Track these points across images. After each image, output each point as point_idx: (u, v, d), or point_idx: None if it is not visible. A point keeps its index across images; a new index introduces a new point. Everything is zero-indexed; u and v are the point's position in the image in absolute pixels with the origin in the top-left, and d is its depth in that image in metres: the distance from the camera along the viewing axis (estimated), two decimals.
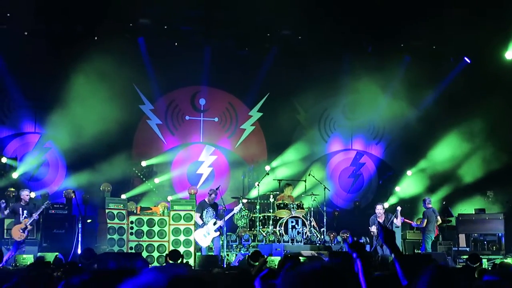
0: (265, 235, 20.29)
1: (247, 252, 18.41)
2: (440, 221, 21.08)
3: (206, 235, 18.82)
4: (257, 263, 14.00)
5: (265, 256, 13.39)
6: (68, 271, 8.49)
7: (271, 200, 21.31)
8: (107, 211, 19.39)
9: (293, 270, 2.69)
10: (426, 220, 20.46)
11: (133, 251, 18.89)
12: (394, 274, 5.91)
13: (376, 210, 19.60)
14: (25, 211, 17.83)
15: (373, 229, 19.26)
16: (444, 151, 24.75)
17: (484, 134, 24.38)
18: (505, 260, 18.12)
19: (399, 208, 19.74)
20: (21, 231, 17.57)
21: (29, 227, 17.73)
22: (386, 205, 22.39)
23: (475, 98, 23.79)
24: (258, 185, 21.36)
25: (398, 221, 19.48)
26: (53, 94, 21.98)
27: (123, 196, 21.07)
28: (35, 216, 17.80)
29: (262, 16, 22.24)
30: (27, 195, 18.04)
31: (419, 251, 20.85)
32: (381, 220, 19.34)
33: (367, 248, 19.54)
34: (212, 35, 23.96)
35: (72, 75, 21.53)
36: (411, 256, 17.58)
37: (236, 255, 19.22)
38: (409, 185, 24.99)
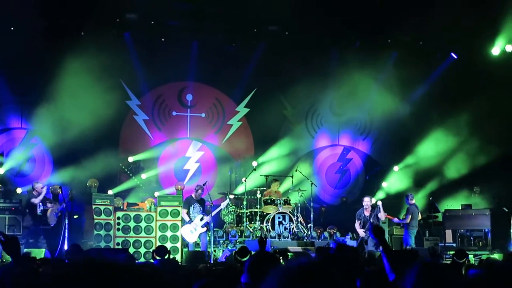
0: (252, 231, 20.28)
1: (234, 248, 18.44)
2: (420, 217, 21.10)
3: (193, 231, 18.79)
4: (244, 259, 13.98)
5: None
6: (54, 267, 8.44)
7: (258, 195, 21.35)
8: (93, 207, 19.38)
9: (280, 266, 2.65)
10: (410, 216, 20.39)
11: (120, 247, 18.87)
12: (382, 269, 5.91)
13: (364, 203, 19.55)
14: (40, 202, 18.46)
15: (361, 233, 19.21)
16: (431, 147, 24.78)
17: (470, 129, 24.42)
18: (492, 256, 18.17)
19: (379, 202, 19.70)
20: (55, 215, 18.14)
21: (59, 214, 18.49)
22: (374, 200, 22.38)
23: (462, 93, 23.91)
24: (245, 180, 21.39)
25: (382, 215, 19.41)
26: (40, 90, 21.89)
27: (110, 192, 20.98)
28: (63, 205, 18.16)
29: (250, 12, 22.20)
30: (42, 187, 18.72)
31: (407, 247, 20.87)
32: (367, 213, 19.34)
33: (353, 243, 19.53)
34: (200, 30, 23.88)
35: (59, 70, 21.41)
36: (398, 252, 17.58)
37: (223, 251, 19.23)
38: (396, 180, 25.02)
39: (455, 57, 25.16)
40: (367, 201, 19.54)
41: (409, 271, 4.18)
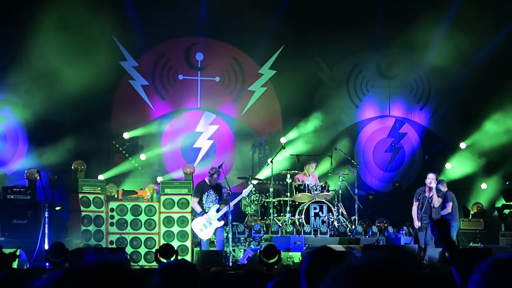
0: (281, 225, 20.27)
1: (259, 247, 18.44)
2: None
3: (206, 225, 18.73)
4: (271, 261, 13.90)
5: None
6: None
7: (288, 181, 21.31)
8: (80, 195, 19.41)
9: (339, 267, 2.49)
10: (451, 203, 19.93)
11: (114, 246, 18.91)
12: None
13: (427, 180, 18.72)
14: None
15: (416, 223, 18.87)
16: (509, 117, 24.60)
17: None
18: None
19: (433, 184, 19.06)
20: None
21: None
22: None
23: None
24: (271, 162, 21.36)
25: (435, 201, 18.71)
26: (12, 50, 21.98)
27: (101, 177, 21.09)
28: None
29: None
30: None
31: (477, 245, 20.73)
32: (429, 194, 18.75)
33: (408, 240, 19.39)
34: None
35: (36, 26, 21.46)
36: (467, 251, 17.44)
37: (245, 250, 19.21)
38: (463, 160, 24.85)
39: None
40: (431, 178, 18.88)
41: (476, 271, 4.03)
